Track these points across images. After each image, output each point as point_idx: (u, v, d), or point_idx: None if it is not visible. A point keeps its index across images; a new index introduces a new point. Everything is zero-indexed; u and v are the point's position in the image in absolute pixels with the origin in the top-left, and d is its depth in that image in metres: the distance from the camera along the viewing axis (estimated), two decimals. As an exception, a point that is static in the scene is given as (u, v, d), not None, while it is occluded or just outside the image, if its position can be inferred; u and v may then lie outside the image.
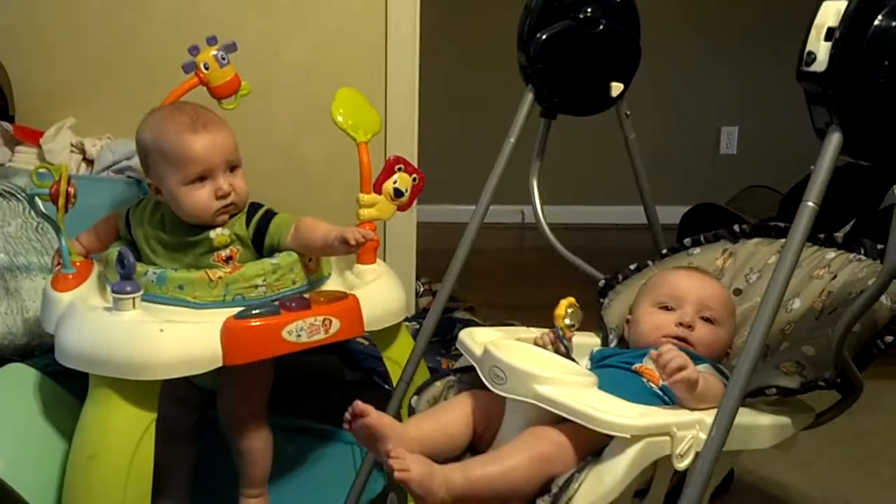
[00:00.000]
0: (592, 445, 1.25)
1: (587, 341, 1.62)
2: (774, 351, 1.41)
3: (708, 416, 1.20)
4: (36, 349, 1.82)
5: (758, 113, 4.25)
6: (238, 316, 1.47)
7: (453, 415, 1.39)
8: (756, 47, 4.12)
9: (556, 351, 1.48)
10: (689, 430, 1.22)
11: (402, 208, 1.75)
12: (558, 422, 1.28)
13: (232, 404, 1.69)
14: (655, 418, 1.24)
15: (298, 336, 1.50)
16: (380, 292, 1.68)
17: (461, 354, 2.38)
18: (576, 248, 1.86)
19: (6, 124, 2.35)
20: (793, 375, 1.29)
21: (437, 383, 1.52)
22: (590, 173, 4.16)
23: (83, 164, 2.31)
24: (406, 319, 1.79)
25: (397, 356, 1.72)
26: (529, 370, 1.30)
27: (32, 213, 1.89)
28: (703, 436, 1.19)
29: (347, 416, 1.30)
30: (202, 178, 1.57)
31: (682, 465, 1.21)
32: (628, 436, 1.19)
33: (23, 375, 1.65)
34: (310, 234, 1.58)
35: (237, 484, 1.72)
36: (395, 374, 1.71)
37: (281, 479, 1.83)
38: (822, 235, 1.53)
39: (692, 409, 1.30)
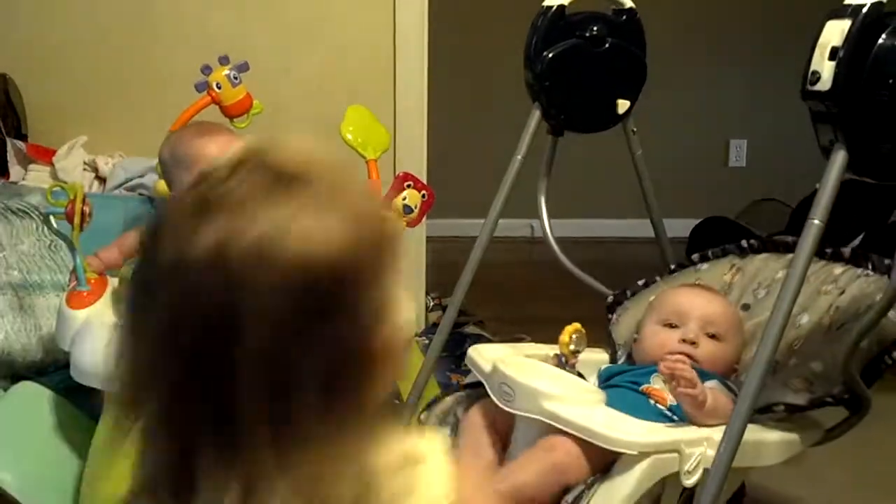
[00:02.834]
0: (605, 458, 1.26)
1: (596, 357, 1.63)
2: (783, 367, 1.41)
3: (716, 433, 1.21)
4: (50, 366, 1.84)
5: (767, 125, 4.25)
6: (250, 332, 1.48)
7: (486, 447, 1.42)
8: (765, 59, 4.12)
9: None
10: (697, 446, 1.23)
11: (411, 224, 1.76)
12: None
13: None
14: (663, 435, 1.25)
15: (310, 352, 1.51)
16: (390, 308, 1.69)
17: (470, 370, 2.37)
18: (586, 262, 1.87)
19: (19, 143, 2.37)
20: (801, 392, 1.29)
21: (447, 399, 1.54)
22: (599, 186, 4.17)
23: (95, 182, 2.33)
24: (416, 335, 1.80)
25: (407, 371, 1.73)
26: (536, 387, 1.31)
27: (45, 230, 1.91)
28: (712, 452, 1.20)
29: None
30: None
31: (689, 481, 1.22)
32: (635, 452, 1.20)
33: (35, 393, 1.67)
34: None
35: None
36: (404, 390, 1.72)
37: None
38: (829, 250, 1.52)
39: (701, 426, 1.31)
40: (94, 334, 1.52)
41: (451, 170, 3.17)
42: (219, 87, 1.83)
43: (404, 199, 1.73)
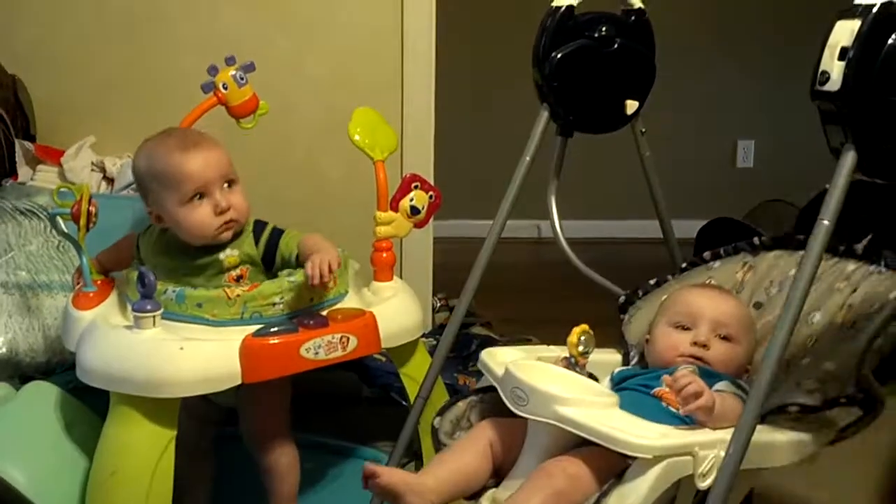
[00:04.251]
0: (612, 469, 1.25)
1: (609, 358, 1.62)
2: (796, 366, 1.40)
3: (729, 435, 1.20)
4: (57, 366, 1.84)
5: (774, 126, 4.24)
6: (256, 334, 1.49)
7: (470, 455, 1.40)
8: (773, 60, 4.11)
9: None
10: (710, 449, 1.22)
11: (418, 226, 1.76)
12: (580, 443, 1.29)
13: (254, 422, 1.70)
14: (677, 438, 1.24)
15: (316, 353, 1.51)
16: (396, 309, 1.69)
17: (479, 371, 2.38)
18: (594, 263, 1.86)
19: (28, 144, 2.38)
20: (814, 392, 1.27)
21: (460, 403, 1.53)
22: (607, 187, 4.17)
23: (103, 183, 2.34)
24: (423, 336, 1.80)
25: (414, 373, 1.73)
26: (551, 391, 1.30)
27: (54, 231, 1.92)
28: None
29: (365, 475, 1.35)
30: (200, 196, 1.56)
31: (704, 484, 1.20)
32: (650, 456, 1.19)
33: (45, 392, 1.67)
34: (306, 253, 1.57)
35: (260, 501, 1.73)
36: (412, 391, 1.72)
37: (300, 495, 1.83)
38: (841, 247, 1.50)
39: (713, 429, 1.30)
40: (100, 335, 1.52)
41: (458, 171, 3.17)
42: (225, 88, 1.83)
43: (411, 200, 1.73)
